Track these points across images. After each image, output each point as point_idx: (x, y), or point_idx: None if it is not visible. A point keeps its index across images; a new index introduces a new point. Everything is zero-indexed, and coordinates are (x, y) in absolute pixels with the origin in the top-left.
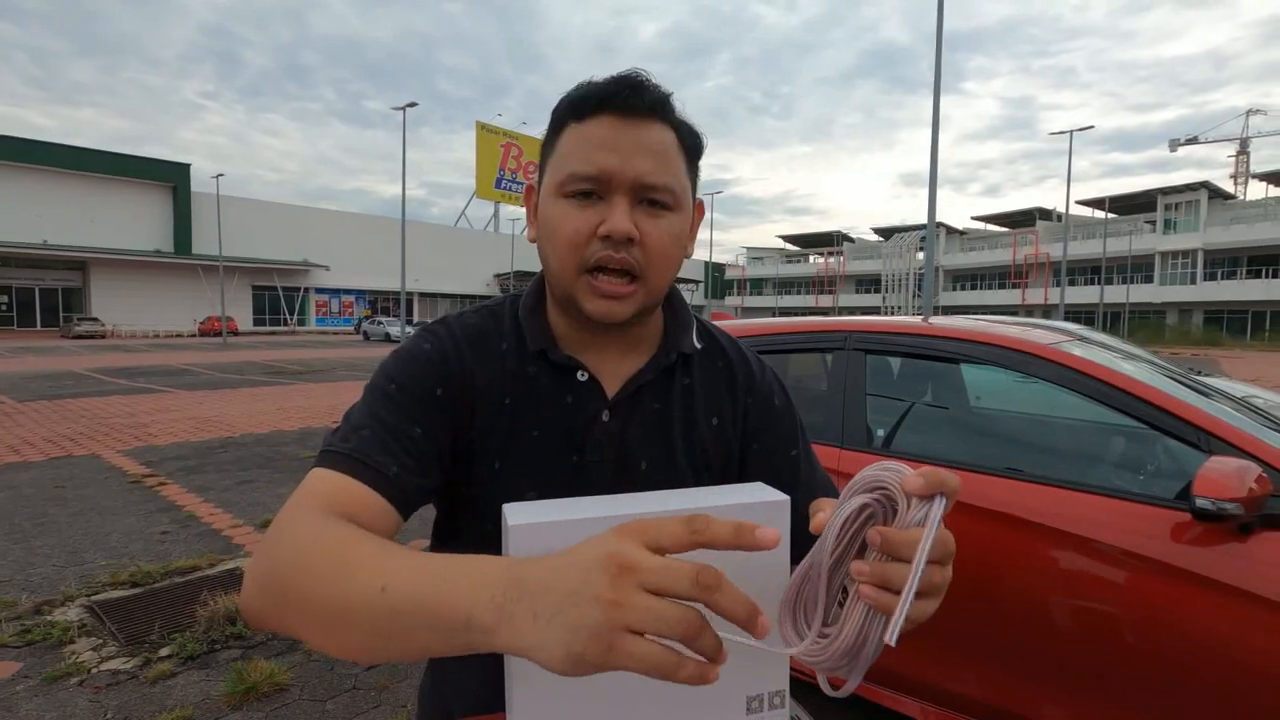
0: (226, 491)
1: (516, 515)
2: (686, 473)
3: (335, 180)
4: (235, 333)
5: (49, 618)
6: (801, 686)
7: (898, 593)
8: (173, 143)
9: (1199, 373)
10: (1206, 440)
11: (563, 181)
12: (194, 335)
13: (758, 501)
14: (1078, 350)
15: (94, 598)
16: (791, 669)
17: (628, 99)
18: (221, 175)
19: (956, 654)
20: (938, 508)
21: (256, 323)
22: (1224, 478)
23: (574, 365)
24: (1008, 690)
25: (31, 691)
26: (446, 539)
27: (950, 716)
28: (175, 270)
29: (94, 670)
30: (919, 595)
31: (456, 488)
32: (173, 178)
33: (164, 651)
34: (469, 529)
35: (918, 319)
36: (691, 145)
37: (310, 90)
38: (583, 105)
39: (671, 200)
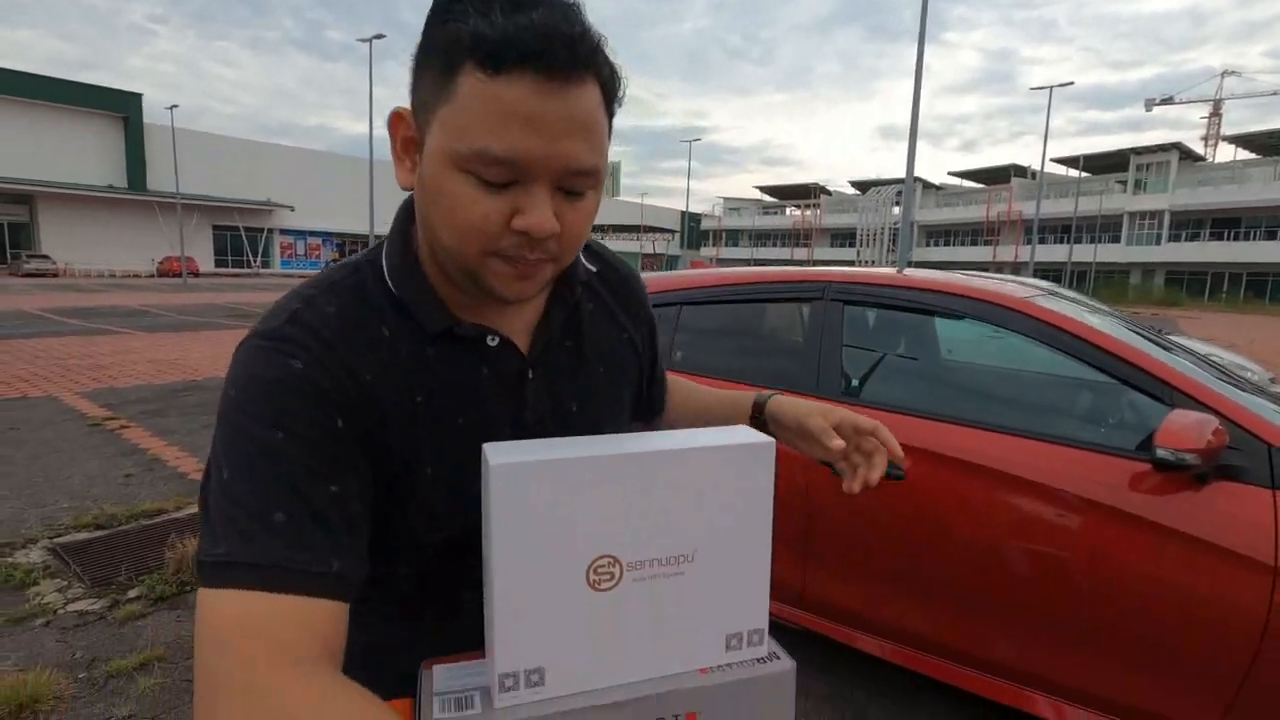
0: (191, 435)
1: (499, 455)
2: (615, 400)
3: (296, 115)
4: (196, 274)
5: (10, 559)
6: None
7: None
8: (120, 69)
9: (1161, 332)
10: (1170, 394)
11: (467, 156)
12: (152, 276)
13: (744, 443)
14: (1049, 304)
15: (57, 540)
16: (772, 615)
17: (558, 56)
18: (176, 107)
19: (918, 595)
20: None
21: (218, 264)
22: (1185, 429)
23: (482, 332)
24: (962, 629)
25: None
26: (380, 554)
27: (908, 652)
28: (130, 207)
29: (60, 611)
30: None
31: (385, 511)
32: (124, 108)
33: (133, 593)
34: (409, 542)
35: (894, 270)
36: (612, 91)
37: (265, 17)
38: (495, 56)
39: (595, 181)
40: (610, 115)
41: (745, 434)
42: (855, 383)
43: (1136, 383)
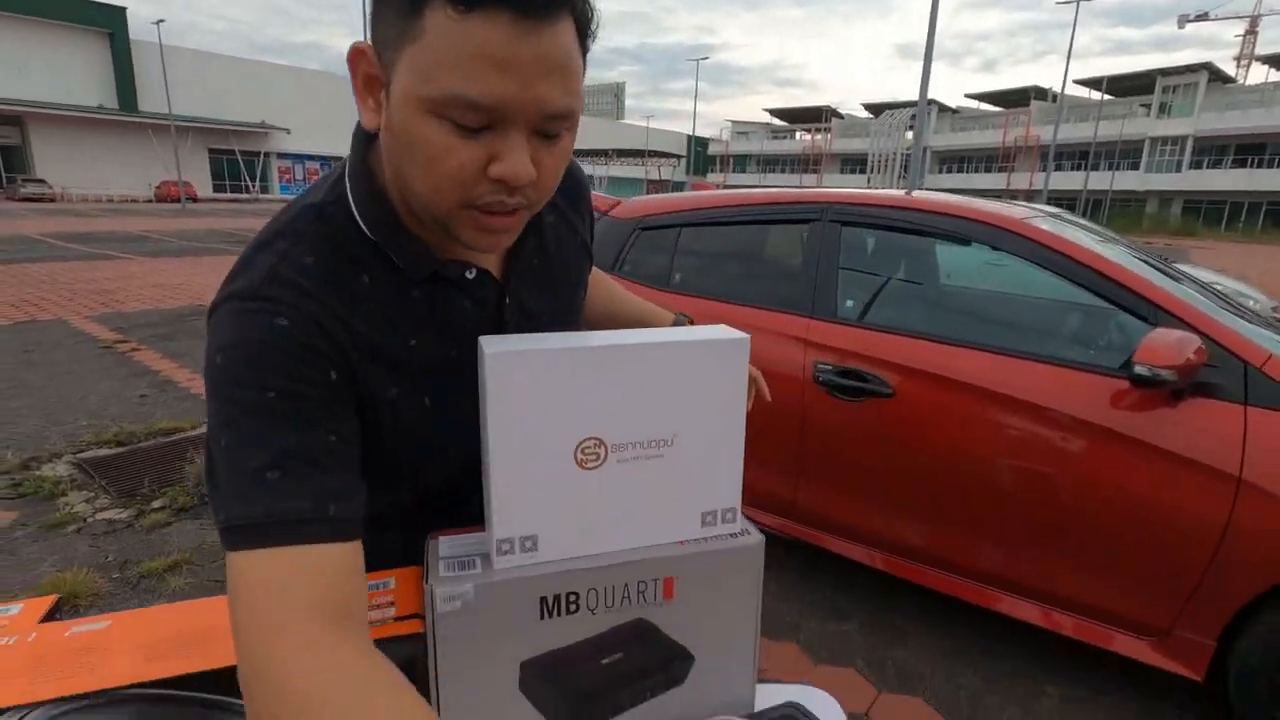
0: (202, 359)
1: (494, 345)
2: (577, 298)
3: (288, 32)
4: (194, 199)
5: (37, 473)
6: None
7: None
8: None
9: (1168, 260)
10: (1155, 314)
11: (439, 101)
12: (150, 201)
13: (721, 339)
14: (1046, 225)
15: (81, 455)
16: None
17: None
18: (162, 21)
19: (905, 506)
20: None
21: (216, 189)
22: (1164, 347)
23: (462, 267)
24: (947, 538)
25: (31, 537)
26: (384, 482)
27: (894, 561)
28: (123, 129)
29: (90, 519)
30: None
31: (391, 445)
32: (107, 22)
33: (156, 503)
34: (412, 471)
35: (896, 192)
36: (585, 26)
37: None
38: None
39: (571, 123)
40: (584, 51)
41: (723, 331)
42: (850, 304)
43: (1124, 303)
